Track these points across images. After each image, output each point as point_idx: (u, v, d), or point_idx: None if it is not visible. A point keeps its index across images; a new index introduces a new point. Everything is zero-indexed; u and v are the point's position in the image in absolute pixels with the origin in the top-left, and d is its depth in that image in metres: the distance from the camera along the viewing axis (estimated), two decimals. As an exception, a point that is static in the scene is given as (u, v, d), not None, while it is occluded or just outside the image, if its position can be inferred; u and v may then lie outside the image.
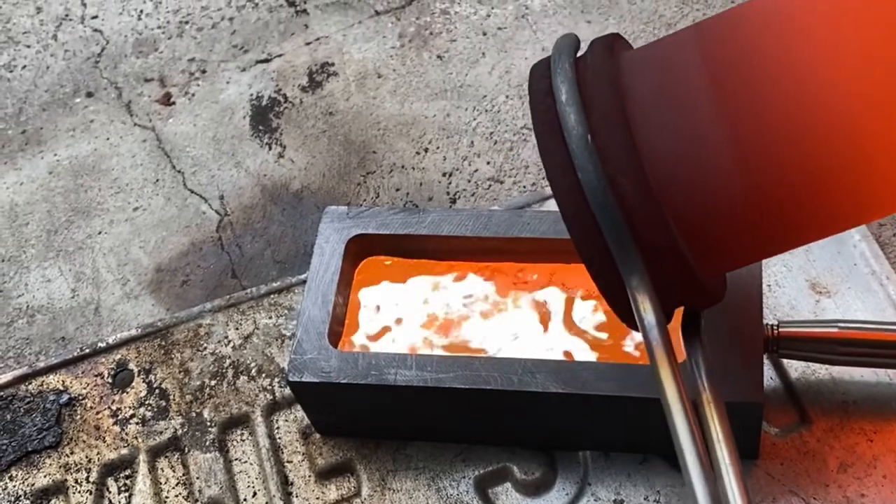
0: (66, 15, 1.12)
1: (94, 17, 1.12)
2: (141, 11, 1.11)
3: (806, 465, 0.74)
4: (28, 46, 1.11)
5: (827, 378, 0.77)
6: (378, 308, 0.79)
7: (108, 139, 1.03)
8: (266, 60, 1.05)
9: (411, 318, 0.78)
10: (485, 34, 1.03)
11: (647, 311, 0.56)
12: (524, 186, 0.93)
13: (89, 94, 1.06)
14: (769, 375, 0.77)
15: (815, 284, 0.82)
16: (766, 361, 0.76)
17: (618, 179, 0.54)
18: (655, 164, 0.55)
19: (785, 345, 0.73)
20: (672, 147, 0.56)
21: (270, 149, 0.99)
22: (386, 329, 0.78)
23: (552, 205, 0.86)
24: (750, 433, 0.73)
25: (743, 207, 0.56)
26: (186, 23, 1.10)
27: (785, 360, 0.77)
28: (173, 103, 1.04)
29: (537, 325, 0.76)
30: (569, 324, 0.76)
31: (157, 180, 0.99)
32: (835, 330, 0.73)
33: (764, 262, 0.79)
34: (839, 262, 0.82)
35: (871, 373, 0.76)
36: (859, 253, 0.82)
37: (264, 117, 1.01)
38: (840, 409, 0.76)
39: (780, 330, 0.73)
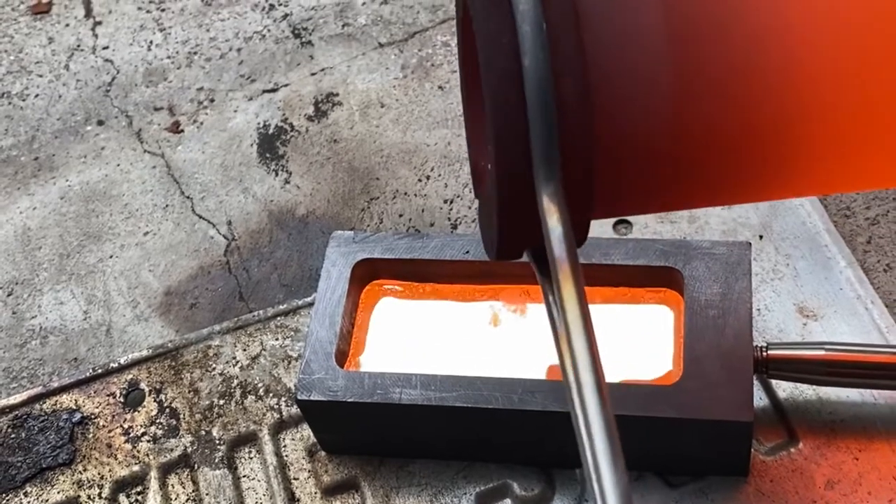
0: (78, 45, 1.15)
1: (105, 48, 1.15)
2: (151, 42, 1.14)
3: (794, 482, 0.76)
4: (41, 76, 1.14)
5: (814, 398, 0.79)
6: (383, 330, 0.81)
7: (118, 166, 1.05)
8: (273, 90, 1.08)
9: (416, 340, 0.80)
10: None
11: (557, 223, 0.50)
12: None
13: (100, 123, 1.09)
14: (759, 396, 0.79)
15: (802, 308, 0.84)
16: (755, 382, 0.78)
17: (563, 78, 0.49)
18: (596, 74, 0.51)
19: (774, 366, 0.75)
20: (616, 63, 0.52)
21: (277, 175, 1.02)
22: (391, 350, 0.80)
23: None
24: (740, 451, 0.75)
25: (670, 141, 0.53)
26: (195, 53, 1.13)
27: (774, 381, 0.79)
28: (182, 131, 1.07)
29: (538, 345, 0.78)
30: None
31: (167, 206, 1.02)
32: (821, 352, 0.75)
33: (753, 286, 0.81)
34: (825, 286, 0.84)
35: (857, 393, 0.78)
36: (845, 278, 0.84)
37: (271, 145, 1.04)
38: (827, 429, 0.78)
39: (769, 352, 0.75)
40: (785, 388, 0.80)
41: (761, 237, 0.88)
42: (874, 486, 0.75)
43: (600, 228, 0.90)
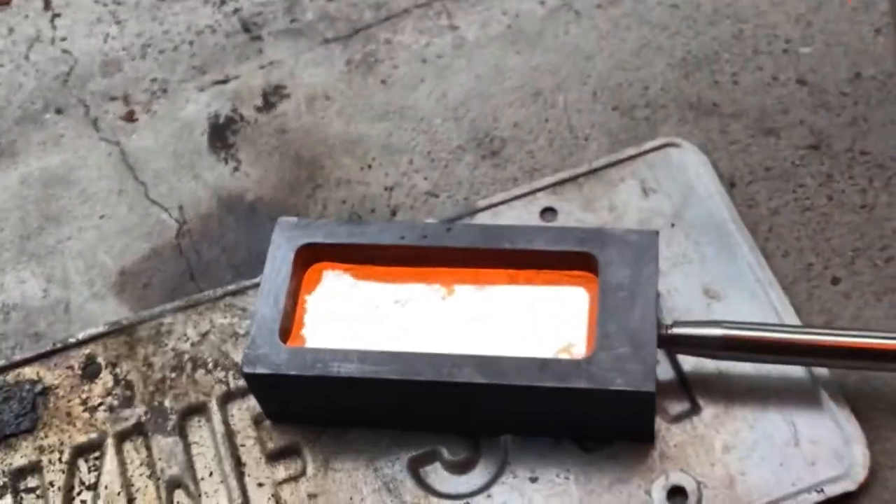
0: (38, 36, 1.18)
1: (64, 39, 1.18)
2: (107, 34, 1.17)
3: (695, 447, 0.82)
4: (1, 65, 1.17)
5: (715, 372, 0.84)
6: (324, 309, 0.85)
7: (76, 152, 1.08)
8: (223, 82, 1.12)
9: (354, 318, 0.84)
10: (424, 61, 1.10)
11: None
12: (457, 200, 0.99)
13: (59, 111, 1.12)
14: (664, 369, 0.85)
15: (708, 290, 0.89)
16: (661, 357, 0.84)
17: None
18: None
19: (678, 342, 0.81)
20: None
21: (227, 163, 1.05)
22: (331, 327, 0.84)
23: (481, 218, 0.95)
24: (645, 419, 0.81)
25: None
26: (149, 45, 1.16)
27: (679, 356, 0.85)
28: (136, 120, 1.10)
29: (466, 323, 0.83)
30: (493, 321, 0.83)
31: (122, 191, 1.05)
32: (721, 331, 0.80)
33: (663, 269, 0.87)
34: (729, 270, 0.89)
35: (754, 367, 0.84)
36: (747, 263, 0.90)
37: (221, 134, 1.08)
38: (726, 399, 0.83)
39: (674, 330, 0.81)
40: (689, 362, 0.85)
41: (673, 225, 0.93)
42: (766, 452, 0.81)
43: (528, 216, 0.95)
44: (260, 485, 0.84)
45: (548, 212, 0.95)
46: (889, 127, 0.98)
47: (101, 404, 0.90)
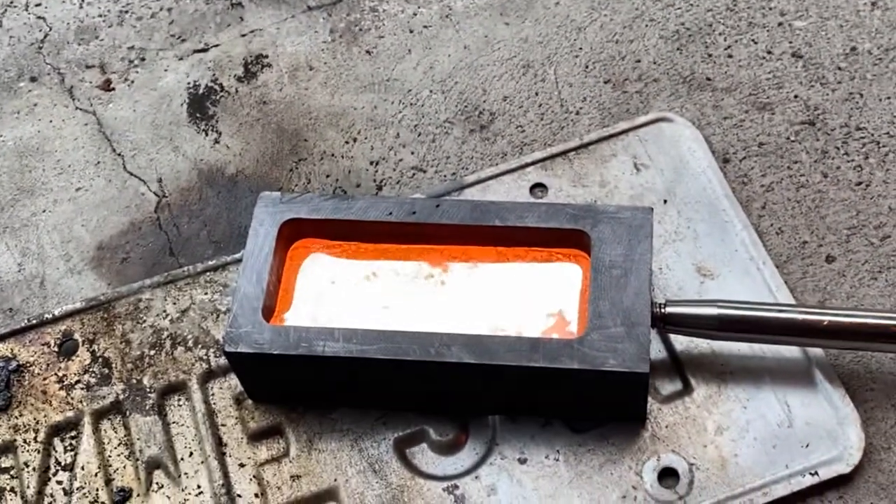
0: (11, 2, 1.15)
1: (38, 5, 1.15)
2: (83, 0, 1.15)
3: (688, 428, 0.81)
4: (-27, 31, 1.14)
5: (708, 351, 0.84)
6: (309, 286, 0.83)
7: (51, 122, 1.06)
8: (203, 50, 1.10)
9: (340, 296, 0.83)
10: (411, 31, 1.08)
11: None
12: (444, 176, 0.98)
13: (33, 79, 1.09)
14: (656, 348, 0.84)
15: (700, 268, 0.88)
16: (654, 336, 0.83)
17: None
18: None
19: (671, 321, 0.80)
20: None
21: (207, 135, 1.04)
22: (316, 305, 0.83)
23: (469, 193, 0.94)
24: (638, 400, 0.80)
25: None
26: (126, 12, 1.13)
27: (671, 335, 0.84)
28: (113, 89, 1.08)
29: (457, 301, 0.82)
30: (483, 299, 0.82)
31: (99, 162, 1.03)
32: (715, 310, 0.79)
33: (656, 247, 0.86)
34: (722, 248, 0.88)
35: (748, 347, 0.83)
36: (740, 240, 0.89)
37: (201, 105, 1.06)
38: (719, 379, 0.83)
39: (667, 309, 0.80)
40: (681, 342, 0.84)
41: (665, 201, 0.92)
42: (760, 433, 0.80)
43: (517, 192, 0.93)
44: (242, 465, 0.83)
45: (538, 187, 0.94)
46: (885, 102, 0.96)
47: (77, 382, 0.88)
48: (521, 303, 0.82)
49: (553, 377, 0.77)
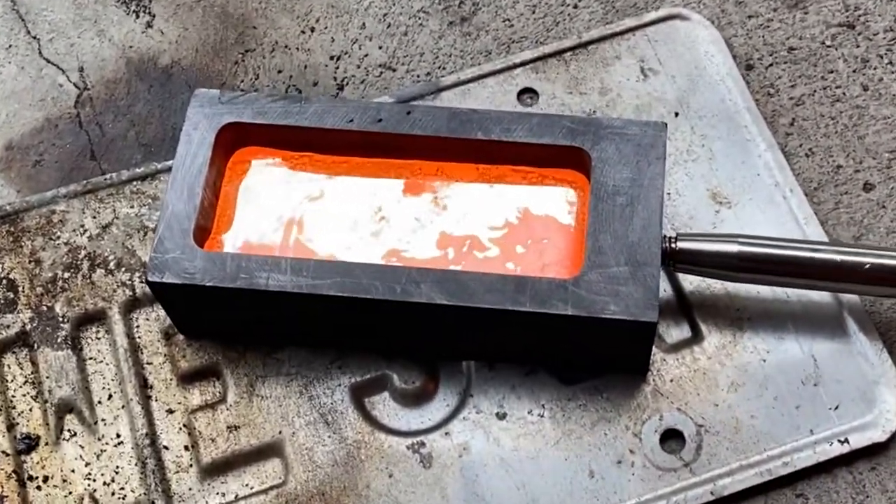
0: None
1: None
2: None
3: (696, 383, 0.75)
4: None
5: (722, 293, 0.77)
6: (251, 205, 0.77)
7: (-47, -3, 0.97)
8: (136, -83, 0.99)
9: (288, 217, 0.76)
10: None
11: None
12: (418, 76, 0.91)
13: (-69, -56, 0.98)
14: (662, 287, 0.77)
15: (716, 194, 0.81)
16: (661, 275, 0.75)
17: None
18: None
19: (682, 259, 0.72)
20: None
21: (138, 17, 0.95)
22: (259, 229, 0.76)
23: (446, 98, 0.87)
24: (641, 351, 0.73)
25: None
26: None
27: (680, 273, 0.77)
28: (30, -41, 0.98)
29: (428, 230, 0.75)
30: (459, 227, 0.75)
31: (10, 46, 0.95)
32: (735, 247, 0.72)
33: (666, 169, 0.78)
34: (742, 171, 0.82)
35: (769, 290, 0.77)
36: (763, 163, 0.82)
37: (133, -19, 0.98)
38: (734, 326, 0.76)
39: (679, 244, 0.72)
40: (691, 281, 0.78)
41: (677, 114, 0.85)
42: (781, 391, 0.74)
43: (503, 98, 0.87)
44: (170, 412, 0.78)
45: (527, 93, 0.88)
46: (936, 4, 0.91)
47: (-25, 309, 0.82)
48: (507, 234, 0.75)
49: (542, 324, 0.70)
